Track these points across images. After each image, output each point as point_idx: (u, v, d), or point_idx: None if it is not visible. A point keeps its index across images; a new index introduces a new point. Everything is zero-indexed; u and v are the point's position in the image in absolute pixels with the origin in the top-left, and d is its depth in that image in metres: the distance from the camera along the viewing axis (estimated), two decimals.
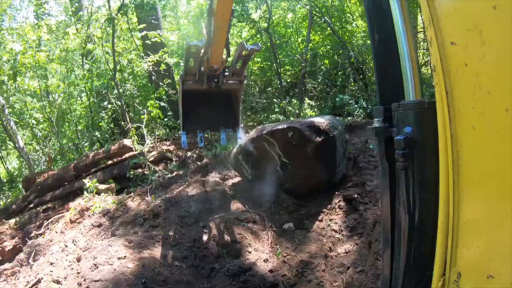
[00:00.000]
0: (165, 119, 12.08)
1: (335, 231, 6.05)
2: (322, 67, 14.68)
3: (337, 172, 6.94)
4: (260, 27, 13.26)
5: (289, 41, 14.84)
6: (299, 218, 6.34)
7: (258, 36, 13.30)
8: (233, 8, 5.10)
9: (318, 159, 6.58)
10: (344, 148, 7.32)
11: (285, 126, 6.59)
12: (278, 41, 12.98)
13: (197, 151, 9.78)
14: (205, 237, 5.61)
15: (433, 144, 1.72)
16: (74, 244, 6.21)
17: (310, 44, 14.16)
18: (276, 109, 11.79)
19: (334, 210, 6.37)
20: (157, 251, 5.38)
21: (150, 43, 11.91)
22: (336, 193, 6.60)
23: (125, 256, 5.14)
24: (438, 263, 1.76)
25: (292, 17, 15.14)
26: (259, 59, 14.00)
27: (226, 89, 6.32)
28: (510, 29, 1.39)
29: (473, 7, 1.53)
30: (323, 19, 13.17)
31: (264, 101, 12.89)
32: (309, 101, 12.63)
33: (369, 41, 12.91)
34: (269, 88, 13.42)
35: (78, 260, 5.66)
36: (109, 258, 5.12)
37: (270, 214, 6.28)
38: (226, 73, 6.07)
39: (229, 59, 6.03)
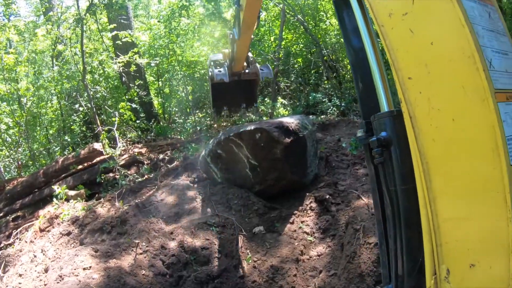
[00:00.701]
0: (137, 121, 11.89)
1: (307, 234, 6.00)
2: (295, 66, 14.67)
3: (309, 173, 6.90)
4: (232, 26, 13.13)
5: (261, 40, 14.78)
6: (270, 221, 6.27)
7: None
8: (252, 36, 6.26)
9: (287, 161, 6.53)
10: (315, 148, 7.27)
11: (252, 127, 6.55)
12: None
13: (169, 153, 9.66)
14: (172, 244, 5.51)
15: (405, 143, 2.05)
16: (43, 254, 6.05)
17: (283, 43, 14.12)
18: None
19: (305, 211, 6.32)
20: (123, 260, 5.25)
21: (120, 43, 11.70)
22: (308, 194, 6.56)
23: (90, 267, 5.01)
24: (428, 263, 1.98)
25: (265, 16, 15.08)
26: None
27: (246, 79, 7.61)
28: (445, 57, 1.87)
29: (418, 46, 1.96)
30: (296, 18, 13.14)
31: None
32: (282, 100, 12.60)
33: (342, 39, 13.10)
34: None
35: (46, 271, 5.51)
36: (75, 269, 4.99)
37: (240, 218, 6.19)
38: (246, 71, 7.35)
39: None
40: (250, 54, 7.41)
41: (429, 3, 1.94)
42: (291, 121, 6.77)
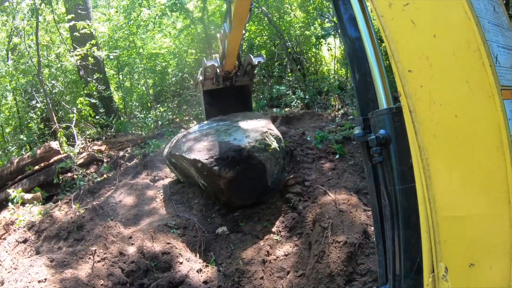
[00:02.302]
0: (97, 117, 11.50)
1: (273, 233, 5.90)
2: None
3: (270, 186, 6.47)
4: (194, 17, 12.88)
5: None
6: (234, 220, 6.15)
7: (192, 26, 12.92)
8: (245, 29, 5.99)
9: (235, 190, 6.11)
10: (281, 165, 6.65)
11: (192, 156, 6.09)
12: (213, 32, 12.64)
13: (129, 150, 9.40)
14: (132, 250, 5.30)
15: (404, 141, 2.00)
16: (0, 264, 5.77)
17: (246, 35, 13.92)
18: None
19: (270, 209, 6.22)
20: (80, 270, 4.98)
21: (78, 35, 11.22)
22: (273, 191, 6.43)
23: (46, 279, 4.71)
24: (426, 261, 1.94)
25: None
26: (193, 51, 13.64)
27: (239, 85, 7.50)
28: (448, 51, 1.81)
29: (420, 38, 1.89)
30: (260, 9, 12.97)
31: (199, 94, 12.56)
32: None
33: (307, 32, 13.11)
34: None
35: (2, 283, 5.20)
36: (30, 282, 4.70)
37: (202, 218, 6.03)
38: (239, 74, 7.19)
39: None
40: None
41: None
42: (245, 143, 6.11)
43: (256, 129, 6.56)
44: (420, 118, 1.90)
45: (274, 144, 6.36)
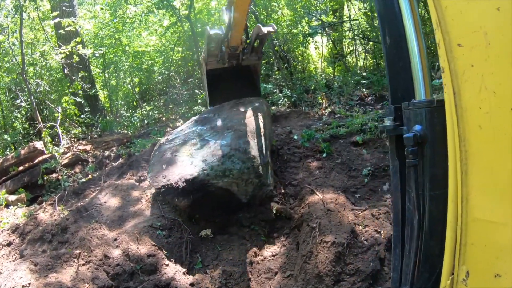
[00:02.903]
0: (82, 116, 11.35)
1: (260, 234, 5.88)
2: None
3: (245, 202, 6.02)
4: (181, 14, 12.76)
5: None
6: (219, 221, 6.10)
7: (179, 24, 12.80)
8: None
9: (198, 212, 5.94)
10: (257, 183, 5.95)
11: (150, 181, 5.94)
12: (199, 29, 12.53)
13: (115, 150, 9.29)
14: (116, 252, 5.22)
15: (443, 141, 1.79)
16: None
17: None
18: (199, 100, 11.46)
19: (256, 209, 6.18)
20: (65, 273, 4.89)
21: (63, 32, 11.04)
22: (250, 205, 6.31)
23: (29, 283, 4.62)
24: (447, 262, 1.81)
25: (216, 5, 14.71)
26: (180, 49, 13.52)
27: (246, 65, 6.90)
28: None
29: (478, 10, 1.59)
30: None
31: (185, 92, 12.48)
32: None
33: (294, 30, 13.05)
34: (191, 79, 12.99)
35: None
36: (13, 287, 4.63)
37: (187, 219, 5.95)
38: (246, 51, 6.60)
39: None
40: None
41: None
42: (197, 172, 5.59)
43: (227, 144, 5.94)
44: (465, 103, 1.65)
45: (238, 167, 5.73)
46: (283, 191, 6.42)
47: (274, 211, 5.98)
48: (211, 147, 5.99)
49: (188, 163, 5.79)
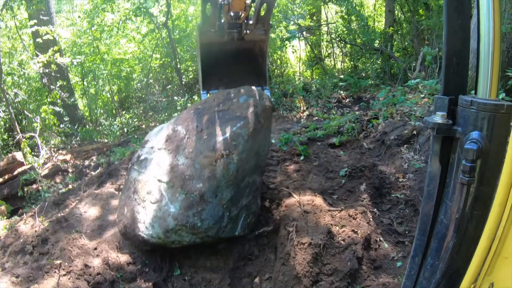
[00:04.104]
0: (61, 126, 11.31)
1: (238, 237, 5.93)
2: None
3: None
4: (159, 22, 12.81)
5: (189, 35, 14.51)
6: None
7: (157, 31, 12.85)
8: None
9: None
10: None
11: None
12: (177, 36, 12.60)
13: (94, 159, 9.30)
14: (97, 261, 5.25)
15: (501, 156, 1.56)
16: None
17: None
18: (178, 107, 11.51)
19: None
20: (46, 284, 4.88)
21: (41, 41, 11.00)
22: None
23: None
24: (473, 270, 1.67)
25: (194, 11, 14.79)
26: (158, 55, 13.57)
27: (251, 40, 5.60)
28: None
29: None
30: None
31: (165, 100, 12.53)
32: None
33: (272, 35, 13.13)
34: (170, 86, 13.05)
35: None
36: None
37: None
38: (250, 22, 5.27)
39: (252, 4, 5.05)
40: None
41: None
42: (148, 237, 5.14)
43: (174, 215, 5.00)
44: None
45: (188, 239, 5.11)
46: (261, 194, 6.47)
47: None
48: (162, 207, 5.09)
49: (142, 217, 5.18)
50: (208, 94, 5.83)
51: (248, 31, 5.34)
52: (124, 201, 5.50)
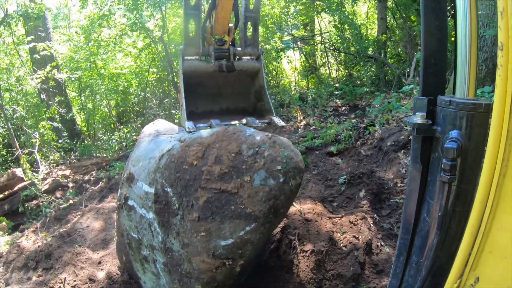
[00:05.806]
0: (60, 141, 11.36)
1: None
2: None
3: None
4: (155, 36, 12.94)
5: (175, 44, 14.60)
6: None
7: (153, 45, 12.96)
8: None
9: None
10: None
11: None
12: (173, 50, 12.71)
13: (94, 174, 9.34)
14: (101, 275, 5.31)
15: (480, 153, 1.59)
16: None
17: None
18: (176, 121, 11.58)
19: None
20: None
21: (38, 57, 11.10)
22: None
23: None
24: (458, 265, 1.67)
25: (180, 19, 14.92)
26: (155, 69, 13.67)
27: (242, 70, 4.65)
28: None
29: None
30: None
31: (162, 113, 12.60)
32: None
33: (267, 46, 13.27)
34: (167, 99, 13.14)
35: None
36: None
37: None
38: (238, 49, 4.55)
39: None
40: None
41: None
42: None
43: None
44: None
45: None
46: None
47: None
48: (161, 286, 4.47)
49: (142, 277, 4.73)
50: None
51: (237, 58, 4.61)
52: (119, 247, 5.02)
